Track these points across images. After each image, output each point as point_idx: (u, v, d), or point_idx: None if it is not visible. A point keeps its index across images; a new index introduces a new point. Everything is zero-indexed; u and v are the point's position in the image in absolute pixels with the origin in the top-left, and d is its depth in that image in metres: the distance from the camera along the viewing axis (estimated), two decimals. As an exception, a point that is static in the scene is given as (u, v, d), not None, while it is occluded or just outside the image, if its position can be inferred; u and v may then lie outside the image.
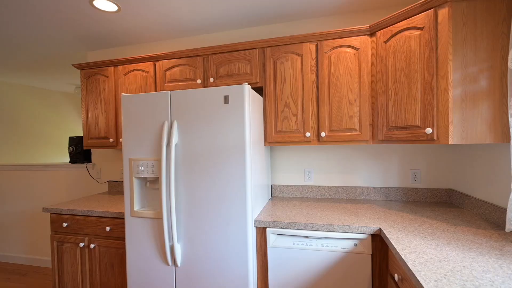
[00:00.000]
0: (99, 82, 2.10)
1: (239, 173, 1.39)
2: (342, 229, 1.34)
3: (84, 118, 2.14)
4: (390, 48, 1.43)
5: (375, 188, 1.88)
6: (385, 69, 1.46)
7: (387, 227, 1.29)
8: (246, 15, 1.92)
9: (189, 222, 1.47)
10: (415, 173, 1.82)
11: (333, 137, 1.62)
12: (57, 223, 1.86)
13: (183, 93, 1.46)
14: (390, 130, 1.45)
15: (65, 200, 2.72)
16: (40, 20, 1.90)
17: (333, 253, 1.36)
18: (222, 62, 1.79)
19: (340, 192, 1.94)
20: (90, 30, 2.09)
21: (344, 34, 1.58)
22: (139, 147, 1.55)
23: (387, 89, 1.46)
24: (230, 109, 1.40)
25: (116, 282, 1.74)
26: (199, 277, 1.46)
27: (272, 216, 1.51)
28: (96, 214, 1.76)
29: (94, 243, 1.77)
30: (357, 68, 1.57)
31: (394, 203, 1.76)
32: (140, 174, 1.55)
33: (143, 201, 1.63)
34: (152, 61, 1.97)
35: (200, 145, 1.44)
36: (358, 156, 1.92)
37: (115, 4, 1.71)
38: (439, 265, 0.89)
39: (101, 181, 2.53)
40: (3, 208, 2.97)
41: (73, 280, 1.84)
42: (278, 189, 2.05)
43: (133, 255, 1.57)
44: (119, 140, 2.05)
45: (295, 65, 1.67)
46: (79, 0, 1.66)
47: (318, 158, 1.99)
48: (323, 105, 1.63)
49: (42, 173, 2.80)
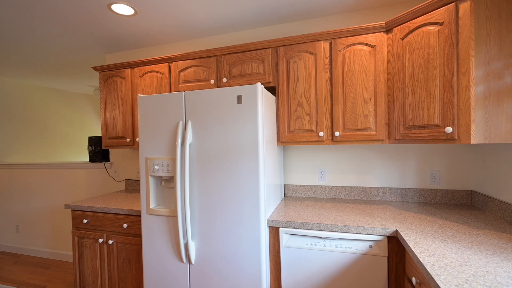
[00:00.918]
0: (117, 84, 2.17)
1: (252, 173, 1.39)
2: (357, 230, 1.32)
3: (103, 119, 2.22)
4: (408, 45, 1.39)
5: (391, 188, 1.83)
6: (402, 66, 1.42)
7: (404, 229, 1.26)
8: (259, 15, 1.93)
9: (203, 221, 1.49)
10: (434, 173, 1.75)
11: (348, 137, 1.60)
12: (78, 219, 1.94)
13: (197, 94, 1.49)
14: (407, 129, 1.41)
15: (85, 197, 2.83)
16: (63, 25, 1.99)
17: (347, 255, 1.34)
18: (235, 62, 1.81)
19: (355, 193, 1.91)
20: (108, 33, 2.16)
21: (359, 31, 1.55)
22: (154, 146, 1.59)
23: (404, 87, 1.42)
24: (243, 109, 1.40)
25: (133, 277, 1.79)
26: (212, 274, 1.48)
27: (285, 216, 1.51)
28: (114, 212, 1.82)
29: (112, 239, 1.83)
30: (372, 66, 1.54)
31: (411, 205, 1.70)
32: (155, 173, 1.59)
33: (159, 199, 1.67)
34: (167, 62, 2.01)
35: (213, 145, 1.46)
36: (373, 156, 1.88)
37: (132, 8, 1.76)
38: (460, 270, 0.86)
39: (118, 180, 2.62)
40: (29, 204, 3.14)
41: (93, 274, 1.91)
42: (291, 189, 2.04)
43: (149, 252, 1.61)
44: (136, 140, 2.11)
45: (308, 64, 1.66)
46: (98, 6, 1.72)
47: (331, 158, 1.97)
48: (337, 104, 1.61)
49: (64, 171, 2.93)
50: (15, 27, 1.99)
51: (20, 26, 1.99)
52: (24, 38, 2.21)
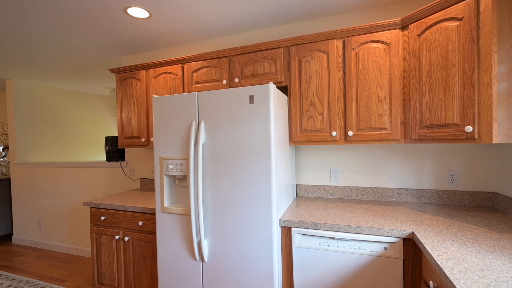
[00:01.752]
0: (132, 85, 2.23)
1: (264, 172, 1.40)
2: (371, 231, 1.29)
3: (119, 119, 2.29)
4: (425, 42, 1.35)
5: (406, 189, 1.79)
6: (419, 64, 1.38)
7: (420, 231, 1.22)
8: (270, 15, 1.92)
9: (216, 219, 1.51)
10: (453, 174, 1.69)
11: (361, 136, 1.57)
12: (96, 216, 2.01)
13: (210, 94, 1.51)
14: (424, 128, 1.37)
15: (102, 195, 2.93)
16: (82, 31, 2.07)
17: (361, 256, 1.32)
18: (247, 62, 1.82)
19: (368, 193, 1.87)
20: (124, 36, 2.22)
21: (373, 29, 1.52)
22: (168, 146, 1.62)
23: (420, 85, 1.38)
24: (255, 109, 1.41)
25: (148, 274, 1.84)
26: (225, 273, 1.50)
27: (297, 216, 1.50)
28: (129, 209, 1.87)
29: (128, 236, 1.89)
30: (387, 64, 1.51)
31: (428, 206, 1.65)
32: (169, 172, 1.62)
33: (172, 198, 1.70)
34: (180, 63, 2.05)
35: (226, 145, 1.48)
36: (388, 156, 1.84)
37: (146, 11, 1.81)
38: (481, 274, 0.83)
39: (133, 178, 2.69)
40: (51, 201, 3.29)
41: (110, 270, 1.98)
42: (303, 189, 2.03)
43: (163, 249, 1.65)
44: (150, 140, 2.16)
45: (321, 63, 1.64)
46: (115, 10, 1.78)
47: (344, 158, 1.94)
48: (350, 103, 1.58)
49: (83, 170, 3.04)
50: (39, 34, 2.09)
51: (43, 33, 2.08)
52: (46, 44, 2.31)
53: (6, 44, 2.31)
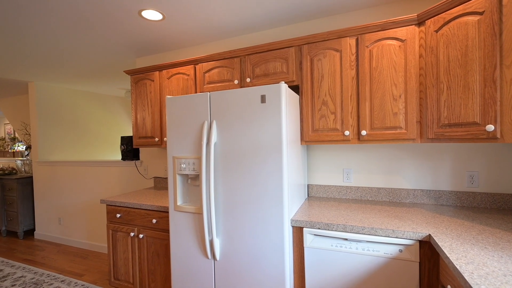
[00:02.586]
0: (146, 86, 2.28)
1: (275, 172, 1.40)
2: (385, 233, 1.26)
3: (134, 119, 2.35)
4: (442, 38, 1.30)
5: (422, 191, 1.73)
6: (436, 60, 1.34)
7: (438, 233, 1.18)
8: (282, 14, 1.92)
9: (228, 218, 1.52)
10: (472, 175, 1.63)
11: (375, 136, 1.53)
12: (112, 213, 2.08)
13: (222, 94, 1.52)
14: (442, 127, 1.32)
15: (118, 193, 3.02)
16: (98, 34, 2.14)
17: (375, 258, 1.29)
18: (258, 62, 1.82)
19: (383, 194, 1.83)
20: (138, 38, 2.28)
21: (387, 25, 1.48)
22: (181, 145, 1.65)
23: (438, 82, 1.33)
24: (267, 108, 1.41)
25: (162, 270, 1.88)
26: (237, 272, 1.51)
27: (309, 216, 1.49)
28: (144, 207, 1.92)
29: (142, 233, 1.94)
30: (402, 61, 1.46)
31: (446, 208, 1.59)
32: (182, 171, 1.65)
33: (185, 196, 1.73)
34: (193, 64, 2.08)
35: (238, 144, 1.48)
36: (403, 155, 1.79)
37: (160, 13, 1.84)
38: (504, 280, 0.79)
39: (147, 177, 2.76)
40: (70, 198, 3.42)
41: (125, 266, 2.04)
42: (315, 189, 2.01)
43: (176, 247, 1.68)
44: (163, 139, 2.21)
45: (333, 62, 1.62)
46: (130, 13, 1.82)
47: (358, 158, 1.90)
48: (364, 102, 1.55)
49: (99, 169, 3.15)
50: (59, 38, 2.18)
51: (63, 38, 2.17)
52: (65, 48, 2.40)
53: (30, 48, 2.42)
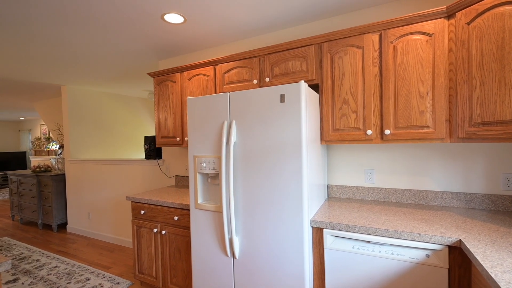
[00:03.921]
0: (168, 87, 2.36)
1: (295, 172, 1.38)
2: (411, 236, 1.21)
3: (156, 120, 2.44)
4: (475, 30, 1.22)
5: (452, 193, 1.63)
6: (468, 55, 1.25)
7: (469, 239, 1.11)
8: (301, 12, 1.89)
9: (247, 217, 1.54)
10: (509, 177, 1.51)
11: (400, 135, 1.47)
12: (136, 210, 2.17)
13: (241, 94, 1.53)
14: (474, 126, 1.24)
15: (141, 190, 3.15)
16: (123, 38, 2.24)
17: (400, 263, 1.24)
18: (277, 62, 1.81)
19: (407, 196, 1.75)
20: (160, 41, 2.36)
21: (414, 19, 1.42)
22: (201, 145, 1.69)
23: (470, 78, 1.25)
24: (286, 108, 1.40)
25: (183, 266, 1.94)
26: (256, 270, 1.51)
27: (329, 217, 1.46)
28: (166, 205, 1.99)
29: (165, 230, 2.01)
30: (430, 56, 1.39)
31: (478, 212, 1.49)
32: (202, 170, 1.68)
33: (205, 195, 1.77)
34: (212, 65, 2.11)
35: (257, 144, 1.49)
36: (430, 156, 1.70)
37: (181, 16, 1.89)
38: (546, 291, 0.73)
39: (169, 176, 2.85)
40: (98, 194, 3.62)
41: (149, 260, 2.12)
42: (335, 190, 1.97)
43: (196, 244, 1.72)
44: (184, 139, 2.27)
45: (355, 59, 1.57)
46: (153, 17, 1.89)
47: (380, 158, 1.84)
48: (387, 100, 1.49)
49: (125, 167, 3.30)
50: (88, 44, 2.31)
51: (92, 44, 2.30)
52: (93, 53, 2.54)
53: (63, 55, 2.59)
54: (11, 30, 2.04)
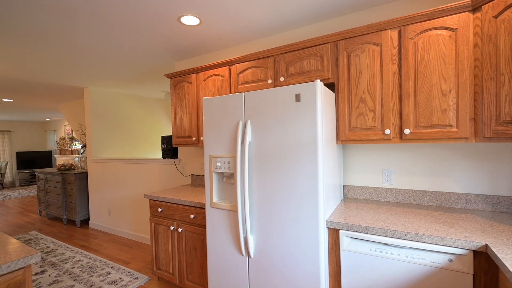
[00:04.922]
0: (184, 88, 2.41)
1: (310, 172, 1.37)
2: (433, 240, 1.16)
3: (173, 120, 2.50)
4: (503, 24, 1.15)
5: (477, 195, 1.56)
6: (495, 50, 1.19)
7: (496, 244, 1.05)
8: (316, 10, 1.87)
9: (262, 216, 1.54)
10: (541, 179, 1.42)
11: (420, 135, 1.42)
12: (154, 208, 2.24)
13: (256, 94, 1.54)
14: (502, 125, 1.17)
15: (158, 189, 3.24)
16: (141, 41, 2.31)
17: (420, 266, 1.20)
18: (292, 61, 1.80)
19: (428, 198, 1.68)
20: (177, 43, 2.41)
21: (435, 14, 1.36)
22: (217, 145, 1.71)
23: (497, 74, 1.18)
24: (301, 107, 1.39)
25: (198, 263, 1.97)
26: (271, 270, 1.52)
27: (346, 218, 1.44)
28: (182, 203, 2.03)
29: (181, 228, 2.05)
30: (453, 52, 1.33)
31: (507, 216, 1.41)
32: (218, 169, 1.71)
33: (221, 194, 1.79)
34: (227, 65, 2.14)
35: (272, 143, 1.49)
36: (453, 156, 1.62)
37: (197, 18, 1.93)
38: None
39: (185, 175, 2.91)
40: (118, 192, 3.76)
41: (166, 257, 2.18)
42: (352, 190, 1.93)
43: (212, 242, 1.75)
44: (200, 139, 2.31)
45: (373, 56, 1.53)
46: (170, 20, 1.94)
47: (399, 158, 1.78)
48: (407, 99, 1.45)
49: (143, 166, 3.41)
50: (109, 48, 2.41)
51: (112, 47, 2.39)
52: (114, 55, 2.64)
53: (86, 59, 2.72)
54: (38, 37, 2.16)
